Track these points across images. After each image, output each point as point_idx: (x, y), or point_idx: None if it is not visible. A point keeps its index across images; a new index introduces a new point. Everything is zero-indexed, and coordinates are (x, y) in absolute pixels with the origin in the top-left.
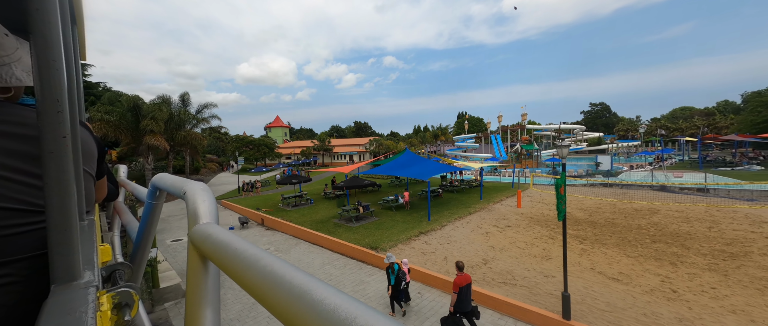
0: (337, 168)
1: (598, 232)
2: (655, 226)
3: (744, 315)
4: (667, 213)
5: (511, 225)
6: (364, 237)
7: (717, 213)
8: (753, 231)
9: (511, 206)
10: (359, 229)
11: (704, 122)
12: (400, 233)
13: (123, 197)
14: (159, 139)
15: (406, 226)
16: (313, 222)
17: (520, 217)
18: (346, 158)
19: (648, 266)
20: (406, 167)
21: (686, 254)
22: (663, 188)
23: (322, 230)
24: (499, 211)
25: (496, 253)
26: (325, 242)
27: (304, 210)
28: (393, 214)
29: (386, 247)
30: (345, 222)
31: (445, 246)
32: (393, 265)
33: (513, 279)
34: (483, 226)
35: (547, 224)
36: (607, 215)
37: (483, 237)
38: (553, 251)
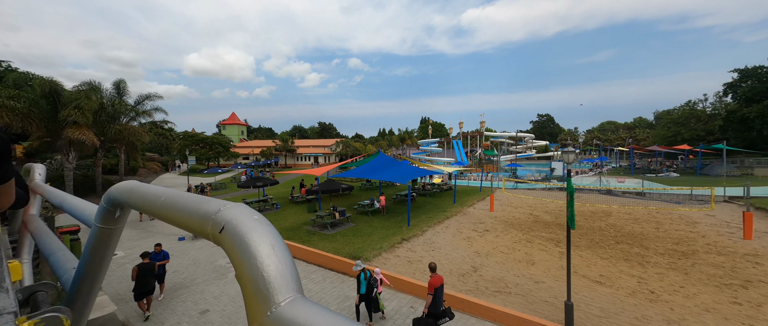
0: (306, 170)
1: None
2: (613, 228)
3: (717, 313)
4: (619, 216)
5: (489, 229)
6: (344, 246)
7: (657, 215)
8: (691, 231)
9: (484, 210)
10: (336, 237)
11: (628, 135)
12: (381, 240)
13: (37, 210)
14: (86, 132)
15: (386, 232)
16: (283, 230)
17: (495, 221)
18: (310, 160)
19: (621, 267)
20: (381, 170)
21: (647, 254)
22: (609, 192)
23: (295, 239)
24: (474, 215)
25: (482, 259)
26: (299, 253)
27: (269, 216)
28: (370, 219)
29: (370, 256)
30: (319, 229)
31: (431, 253)
32: (365, 271)
33: (506, 287)
34: (463, 231)
35: (521, 227)
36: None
37: (466, 242)
38: (535, 255)
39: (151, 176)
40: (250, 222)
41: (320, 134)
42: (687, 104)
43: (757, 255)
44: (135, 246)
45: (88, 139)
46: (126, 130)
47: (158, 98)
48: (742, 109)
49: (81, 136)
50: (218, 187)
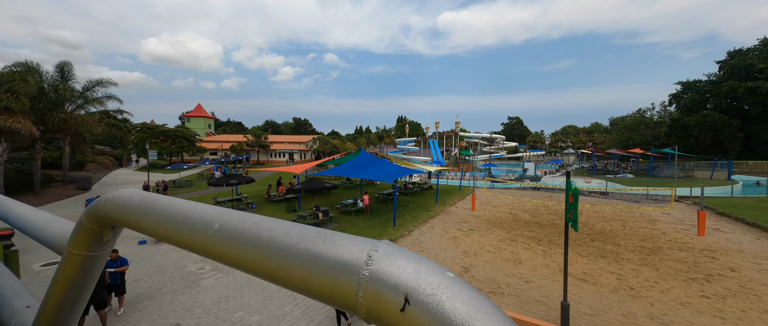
0: (283, 168)
1: (548, 233)
2: (586, 225)
3: (691, 307)
4: (589, 214)
5: (474, 228)
6: None
7: (621, 213)
8: (653, 228)
9: (466, 209)
10: None
11: (587, 138)
12: None
13: None
14: (21, 120)
15: (372, 233)
16: None
17: (477, 220)
18: (284, 157)
19: (600, 264)
20: (363, 168)
21: (620, 250)
22: None
23: None
24: (457, 214)
25: (471, 259)
26: None
27: None
28: (353, 219)
29: None
30: None
31: (420, 253)
32: None
33: (499, 287)
34: (448, 230)
35: (503, 226)
36: (547, 216)
37: (453, 242)
38: (521, 254)
39: (100, 171)
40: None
41: (295, 129)
42: (638, 112)
43: (712, 250)
44: None
45: (24, 128)
46: (71, 119)
47: (112, 84)
48: (683, 118)
49: (15, 124)
50: (183, 184)
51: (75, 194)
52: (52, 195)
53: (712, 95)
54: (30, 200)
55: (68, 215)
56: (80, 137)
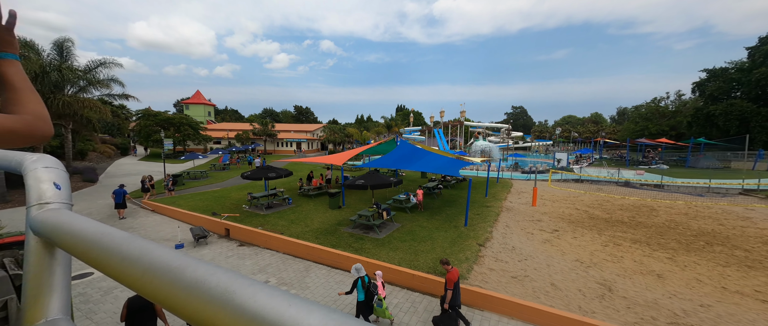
0: (317, 158)
1: (647, 234)
2: (679, 225)
3: None
4: (665, 210)
5: (557, 229)
6: (411, 255)
7: (701, 210)
8: (758, 227)
9: (524, 204)
10: (392, 242)
11: (595, 128)
12: (450, 244)
13: None
14: None
15: (446, 235)
16: (316, 232)
17: (549, 217)
18: (292, 146)
19: (761, 278)
20: (412, 159)
21: (754, 256)
22: (627, 184)
23: (343, 247)
24: (520, 211)
25: (598, 272)
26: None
27: (284, 214)
28: (412, 218)
29: (462, 271)
30: (363, 231)
31: (526, 262)
32: (363, 278)
33: (676, 315)
34: (530, 231)
35: (583, 224)
36: (619, 213)
37: (549, 247)
38: (648, 263)
39: (103, 161)
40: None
41: (296, 118)
42: (653, 101)
43: None
44: None
45: None
46: (77, 102)
47: (116, 65)
48: (707, 106)
49: None
50: (198, 176)
51: (82, 186)
52: None
53: (740, 84)
54: None
55: (82, 210)
56: (86, 123)
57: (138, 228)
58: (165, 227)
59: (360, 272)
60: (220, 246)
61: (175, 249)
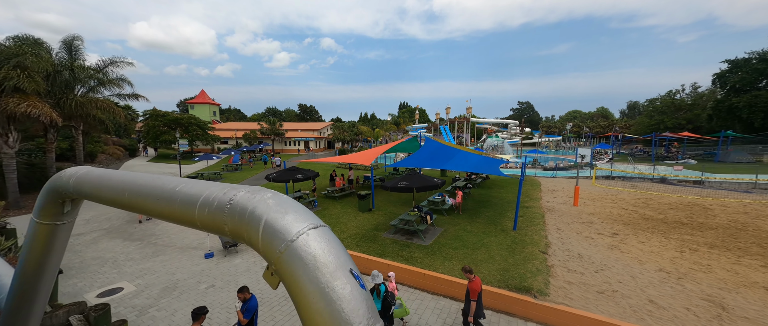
0: (340, 157)
1: (719, 237)
2: (746, 226)
3: None
4: (722, 209)
5: (617, 232)
6: (470, 265)
7: (764, 208)
8: None
9: (564, 204)
10: (442, 250)
11: (605, 123)
12: (508, 251)
13: None
14: (38, 104)
15: (497, 240)
16: (353, 239)
17: (600, 219)
18: (300, 145)
19: None
20: (442, 158)
21: None
22: (663, 180)
23: (390, 255)
24: (564, 212)
25: (691, 284)
26: (404, 276)
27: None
28: (453, 221)
29: (535, 284)
30: (405, 238)
31: (604, 274)
32: (379, 286)
33: None
34: (588, 235)
35: (639, 226)
36: (672, 212)
37: (618, 253)
38: (746, 274)
39: (112, 163)
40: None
41: (300, 117)
42: (668, 94)
43: None
44: (145, 270)
45: (44, 113)
46: (90, 103)
47: (127, 64)
48: (729, 98)
49: (32, 109)
50: (212, 178)
51: None
52: None
53: (764, 74)
54: None
55: (98, 217)
56: (101, 124)
57: (160, 235)
58: (189, 234)
59: (376, 279)
60: (251, 255)
61: (205, 258)
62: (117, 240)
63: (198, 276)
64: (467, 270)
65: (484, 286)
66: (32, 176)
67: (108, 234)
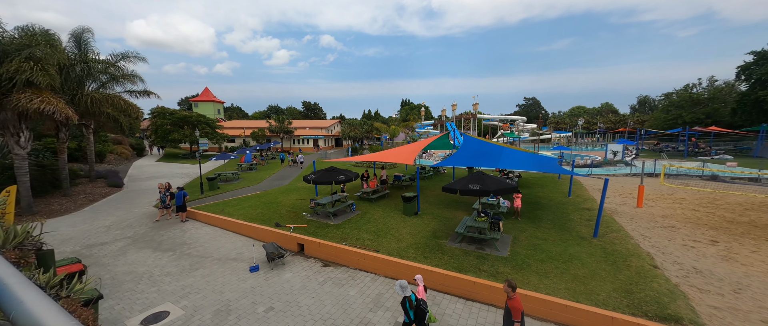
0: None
1: None
2: None
3: None
4: None
5: (716, 240)
6: (576, 284)
7: None
8: None
9: (626, 205)
10: (528, 263)
11: (616, 118)
12: (613, 268)
13: None
14: (53, 100)
15: (584, 250)
16: (414, 248)
17: (674, 221)
18: (309, 143)
19: None
20: (489, 157)
21: None
22: (715, 177)
23: (467, 269)
24: (631, 213)
25: None
26: (484, 294)
27: (357, 223)
28: (517, 226)
29: (678, 312)
30: (472, 246)
31: (747, 293)
32: (409, 297)
33: None
34: (685, 242)
35: (731, 230)
36: (758, 215)
37: (741, 267)
38: None
39: (121, 163)
40: None
41: (304, 115)
42: (684, 88)
43: None
44: (187, 288)
45: (59, 111)
46: (106, 100)
47: (139, 58)
48: (755, 92)
49: (46, 106)
50: (229, 178)
51: (109, 192)
52: (85, 196)
53: None
54: (61, 201)
55: (119, 223)
56: (113, 122)
57: (192, 243)
58: (224, 242)
59: (406, 290)
60: (301, 267)
61: (250, 271)
62: (146, 251)
63: (249, 294)
64: (512, 285)
65: (615, 314)
66: (43, 178)
67: (135, 243)
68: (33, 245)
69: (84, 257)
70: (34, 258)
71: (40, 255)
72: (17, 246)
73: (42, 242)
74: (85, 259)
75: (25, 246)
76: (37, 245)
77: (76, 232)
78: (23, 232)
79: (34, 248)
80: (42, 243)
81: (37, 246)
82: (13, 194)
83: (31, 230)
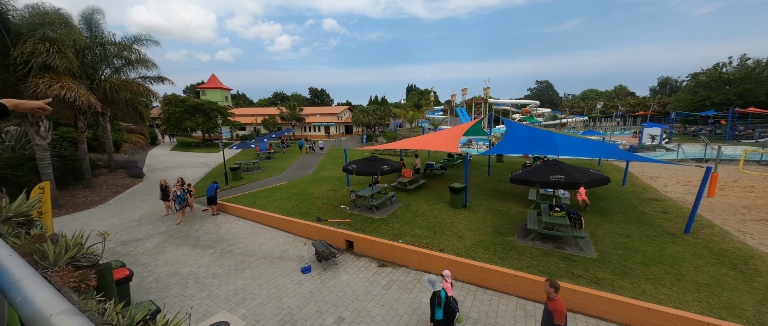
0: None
1: None
2: None
3: None
4: None
5: None
6: (709, 295)
7: None
8: None
9: (690, 194)
10: (632, 268)
11: (635, 101)
12: (738, 273)
13: None
14: (73, 85)
15: (688, 251)
16: (481, 247)
17: (762, 212)
18: (320, 130)
19: None
20: (542, 144)
21: None
22: None
23: (556, 271)
24: (709, 204)
25: None
26: (590, 306)
27: (404, 216)
28: (589, 223)
29: None
30: (547, 245)
31: None
32: (439, 293)
33: None
34: None
35: None
36: None
37: None
38: None
39: (136, 152)
40: None
41: (311, 101)
42: (715, 68)
43: None
44: (240, 293)
45: (80, 98)
46: (125, 86)
47: (153, 43)
48: None
49: (66, 92)
50: (251, 168)
51: (131, 183)
52: (108, 187)
53: None
54: (85, 194)
55: (149, 216)
56: (132, 110)
57: (230, 239)
58: (264, 238)
59: (436, 285)
60: (356, 268)
61: (302, 273)
62: (184, 248)
63: (310, 301)
64: (555, 285)
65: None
66: (64, 169)
67: (170, 239)
68: (89, 259)
69: (121, 256)
70: (96, 281)
71: (98, 273)
72: (71, 262)
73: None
74: (122, 257)
75: (79, 261)
76: (93, 259)
77: (107, 227)
78: (76, 244)
79: (92, 264)
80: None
81: (93, 260)
82: (47, 190)
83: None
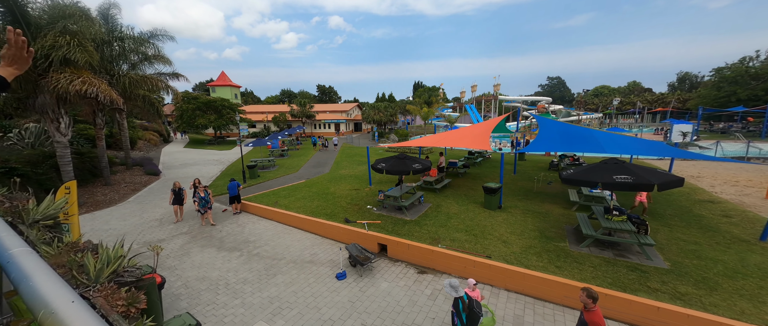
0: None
1: None
2: None
3: None
4: None
5: None
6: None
7: None
8: None
9: (744, 195)
10: (718, 281)
11: (653, 97)
12: None
13: None
14: (94, 81)
15: (760, 259)
16: (532, 254)
17: None
18: (330, 127)
19: None
20: (581, 141)
21: None
22: None
23: (628, 283)
24: (763, 207)
25: None
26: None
27: (437, 218)
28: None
29: None
30: (605, 252)
31: None
32: (462, 298)
33: None
34: None
35: None
36: None
37: None
38: None
39: (151, 150)
40: None
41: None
42: (741, 62)
43: None
44: (275, 301)
45: (102, 93)
46: (144, 82)
47: (168, 38)
48: None
49: (88, 88)
50: (266, 165)
51: (149, 180)
52: (126, 185)
53: None
54: (104, 192)
55: (169, 215)
56: (150, 106)
57: (255, 241)
58: (290, 240)
59: (458, 291)
60: (394, 274)
61: (337, 279)
62: (210, 250)
63: (352, 312)
64: (593, 295)
65: None
66: (83, 167)
67: (194, 241)
68: (132, 274)
69: (146, 258)
70: (146, 303)
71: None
72: (113, 277)
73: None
74: (147, 259)
75: (122, 276)
76: (136, 273)
77: (129, 226)
78: (117, 257)
79: (135, 280)
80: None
81: (136, 274)
82: (73, 191)
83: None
